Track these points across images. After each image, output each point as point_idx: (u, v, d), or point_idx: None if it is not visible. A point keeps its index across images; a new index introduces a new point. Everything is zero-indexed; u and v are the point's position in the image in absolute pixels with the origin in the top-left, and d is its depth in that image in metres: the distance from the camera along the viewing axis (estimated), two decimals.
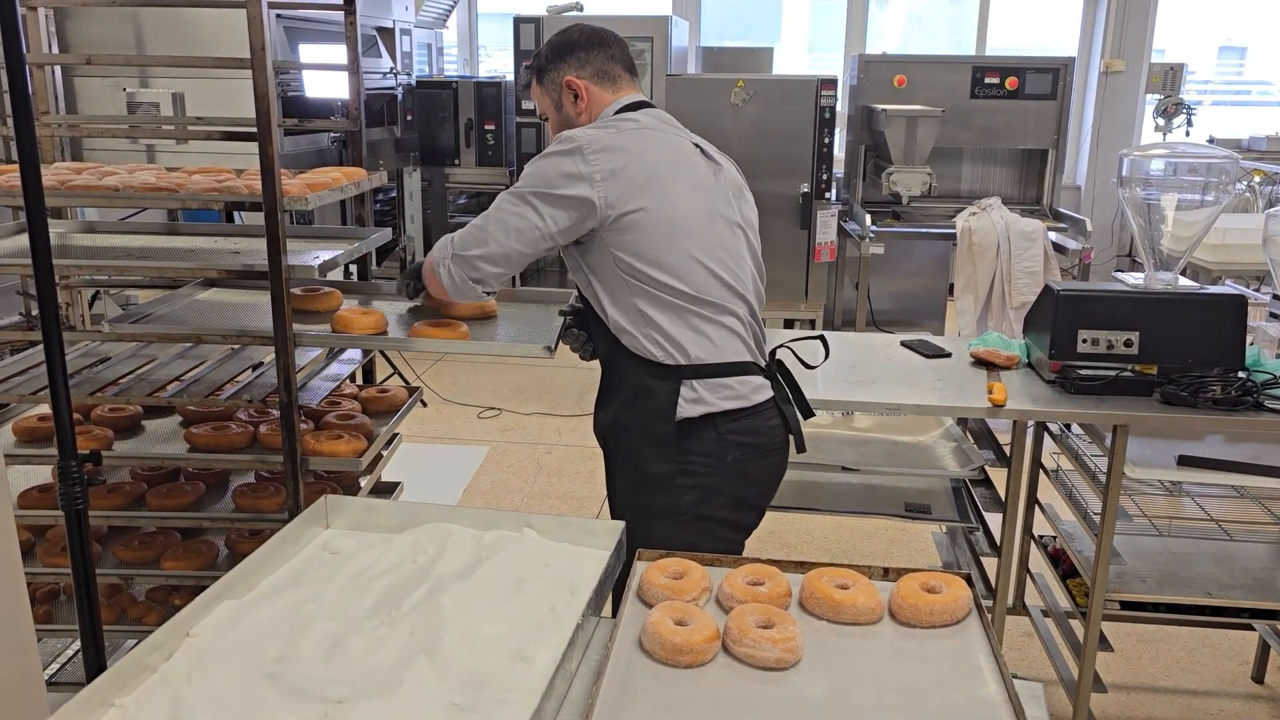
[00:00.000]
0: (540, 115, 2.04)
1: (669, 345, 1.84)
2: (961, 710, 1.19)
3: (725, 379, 1.87)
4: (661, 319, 1.84)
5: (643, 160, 1.82)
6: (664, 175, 1.83)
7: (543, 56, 1.98)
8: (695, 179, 1.89)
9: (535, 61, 1.99)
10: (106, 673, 1.15)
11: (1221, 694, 2.88)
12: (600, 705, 1.18)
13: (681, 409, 1.85)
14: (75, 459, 1.51)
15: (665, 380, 1.85)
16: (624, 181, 1.79)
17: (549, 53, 1.97)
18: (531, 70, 2.00)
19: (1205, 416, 2.21)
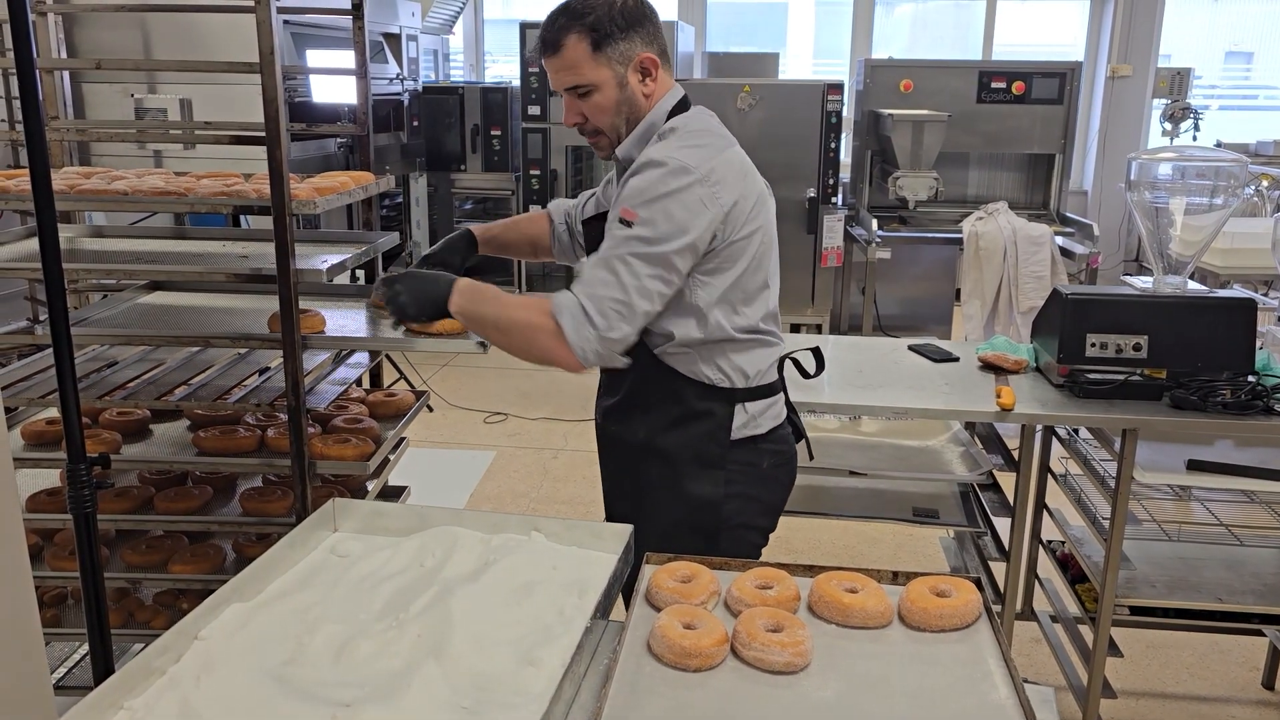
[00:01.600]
0: (567, 89, 1.68)
1: (731, 370, 1.76)
2: (973, 715, 1.18)
3: (771, 398, 1.82)
4: (731, 346, 1.75)
5: (746, 185, 1.70)
6: (762, 201, 1.74)
7: (608, 19, 1.63)
8: (764, 195, 1.78)
9: (590, 21, 1.63)
10: (115, 676, 1.15)
11: (1232, 700, 2.86)
12: (609, 709, 1.17)
13: (735, 431, 1.77)
14: (84, 463, 1.51)
15: (719, 403, 1.77)
16: (738, 212, 1.67)
17: (619, 18, 1.64)
18: (583, 30, 1.63)
19: (1215, 421, 2.20)
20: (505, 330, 1.66)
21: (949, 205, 5.15)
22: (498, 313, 1.66)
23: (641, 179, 1.63)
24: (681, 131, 1.69)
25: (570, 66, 1.66)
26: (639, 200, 1.61)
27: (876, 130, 5.10)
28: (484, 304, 1.67)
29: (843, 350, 2.79)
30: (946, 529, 2.92)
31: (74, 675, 2.23)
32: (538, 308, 1.63)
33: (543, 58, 1.70)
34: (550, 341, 1.62)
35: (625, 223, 1.62)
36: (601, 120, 1.70)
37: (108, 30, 4.58)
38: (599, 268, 1.63)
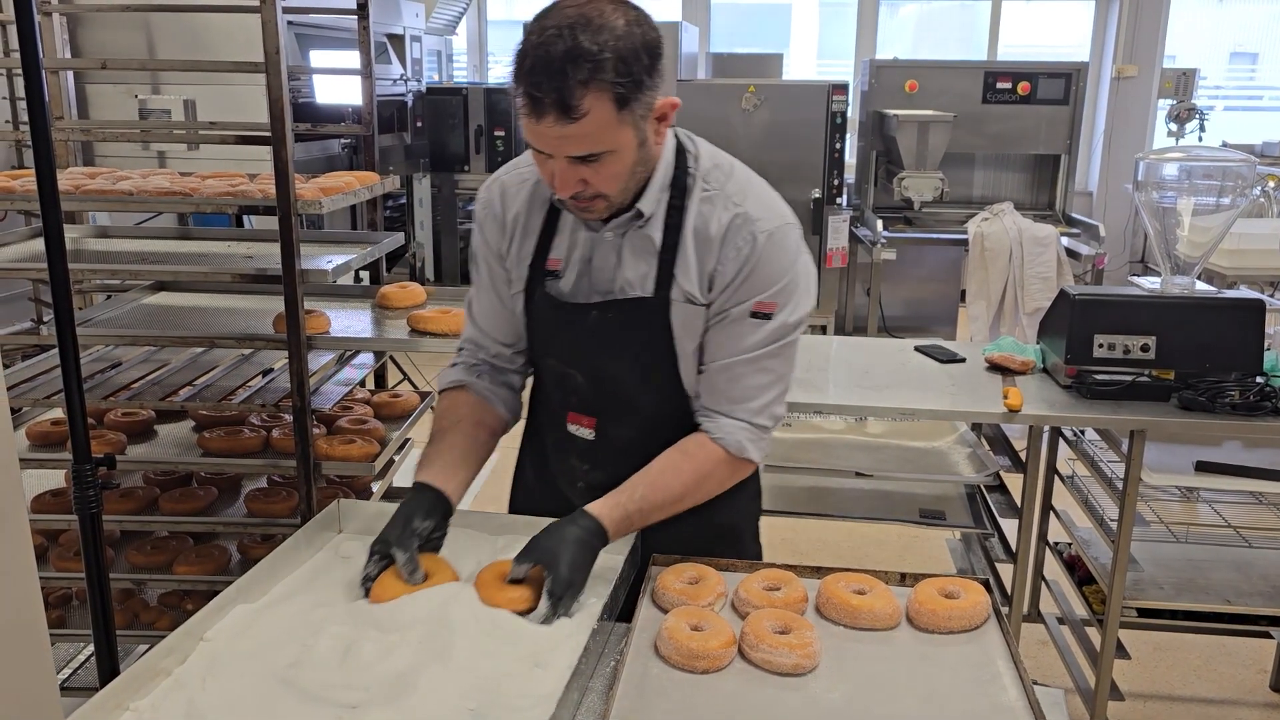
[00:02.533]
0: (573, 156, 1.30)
1: None
2: (982, 717, 1.18)
3: None
4: None
5: None
6: None
7: (635, 65, 1.27)
8: None
9: (614, 74, 1.25)
10: (121, 677, 1.15)
11: (1240, 703, 2.85)
12: (616, 711, 1.17)
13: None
14: (90, 463, 1.51)
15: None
16: None
17: (644, 57, 1.28)
18: (606, 86, 1.25)
19: (1223, 422, 2.19)
20: (688, 500, 1.47)
21: (954, 206, 5.13)
22: (668, 499, 1.44)
23: (775, 255, 1.42)
24: (727, 169, 1.47)
25: (587, 135, 1.27)
26: (781, 287, 1.43)
27: (881, 131, 5.09)
28: (644, 506, 1.42)
29: (849, 351, 2.78)
30: (953, 531, 2.91)
31: (79, 676, 2.23)
32: (705, 461, 1.46)
33: (536, 120, 1.26)
34: (736, 472, 1.50)
35: (765, 316, 1.44)
36: (611, 186, 1.36)
37: (111, 30, 4.58)
38: (752, 372, 1.45)
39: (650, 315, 1.46)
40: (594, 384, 1.54)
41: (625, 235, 1.45)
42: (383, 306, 2.14)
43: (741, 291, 1.43)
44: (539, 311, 1.53)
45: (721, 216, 1.43)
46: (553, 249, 1.50)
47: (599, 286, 1.49)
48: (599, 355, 1.51)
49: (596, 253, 1.48)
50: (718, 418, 1.47)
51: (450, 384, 1.61)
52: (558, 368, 1.57)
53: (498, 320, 1.59)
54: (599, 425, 1.55)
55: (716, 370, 1.47)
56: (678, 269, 1.44)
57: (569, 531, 1.36)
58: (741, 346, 1.44)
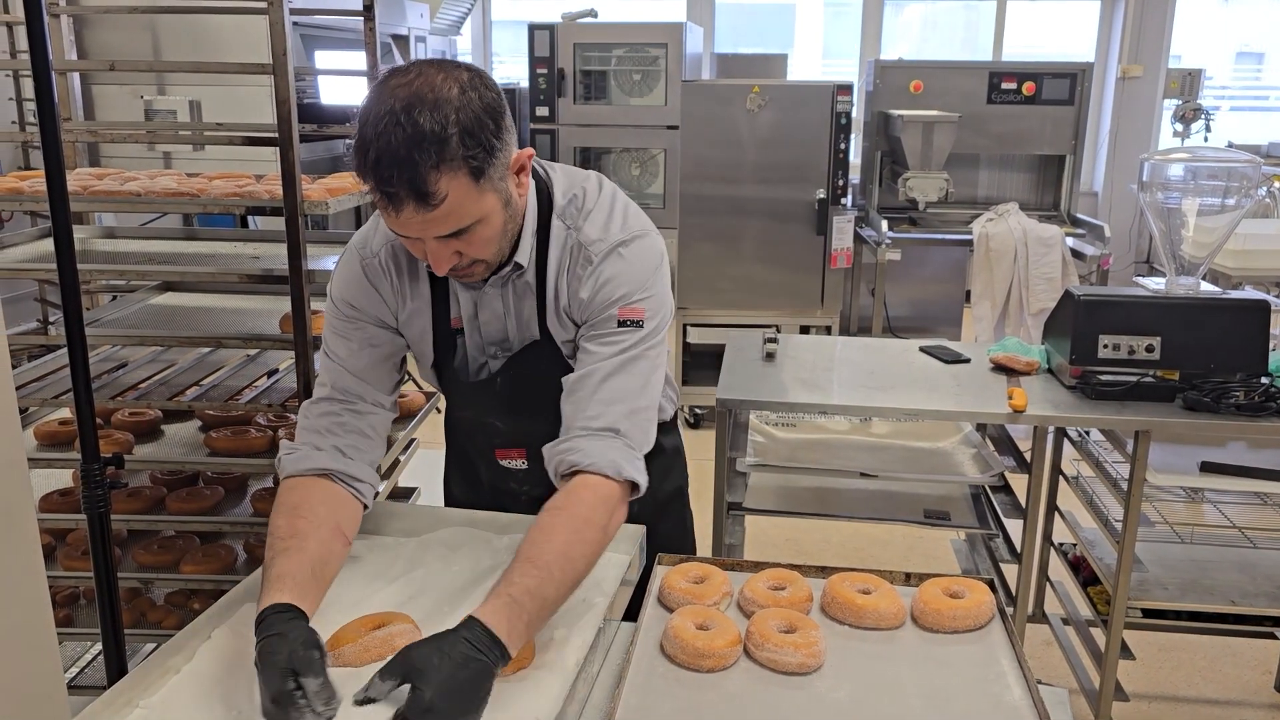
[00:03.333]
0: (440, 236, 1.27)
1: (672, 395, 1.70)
2: (987, 716, 1.18)
3: None
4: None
5: None
6: None
7: (479, 131, 1.22)
8: None
9: (461, 148, 1.21)
10: (130, 674, 1.16)
11: (1244, 704, 2.85)
12: (622, 709, 1.17)
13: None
14: (98, 462, 1.52)
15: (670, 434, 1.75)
16: None
17: (487, 121, 1.24)
18: (458, 165, 1.21)
19: (1228, 422, 2.19)
20: (589, 565, 1.30)
21: (959, 206, 5.13)
22: (565, 574, 1.25)
23: (618, 269, 1.41)
24: (580, 199, 1.45)
25: (450, 214, 1.24)
26: (638, 294, 1.40)
27: (886, 131, 5.09)
28: (541, 600, 1.21)
29: (854, 351, 2.79)
30: (958, 531, 2.91)
31: (86, 675, 2.24)
32: (590, 511, 1.30)
33: (395, 214, 1.22)
34: (626, 501, 1.37)
35: (634, 323, 1.40)
36: (486, 251, 1.34)
37: (117, 31, 4.60)
38: (624, 374, 1.39)
39: (545, 355, 1.47)
40: (514, 426, 1.56)
41: (506, 286, 1.46)
42: None
43: (598, 303, 1.41)
44: (449, 373, 1.53)
45: (566, 245, 1.44)
46: (451, 309, 1.49)
47: (491, 338, 1.50)
48: (513, 404, 1.53)
49: (482, 308, 1.48)
50: (583, 440, 1.35)
51: (314, 470, 1.39)
52: (476, 419, 1.60)
53: (372, 372, 1.48)
54: (529, 454, 1.57)
55: (579, 379, 1.40)
56: (549, 304, 1.46)
57: (448, 643, 1.12)
58: (609, 351, 1.40)
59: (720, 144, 4.66)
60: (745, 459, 2.42)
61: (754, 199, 4.75)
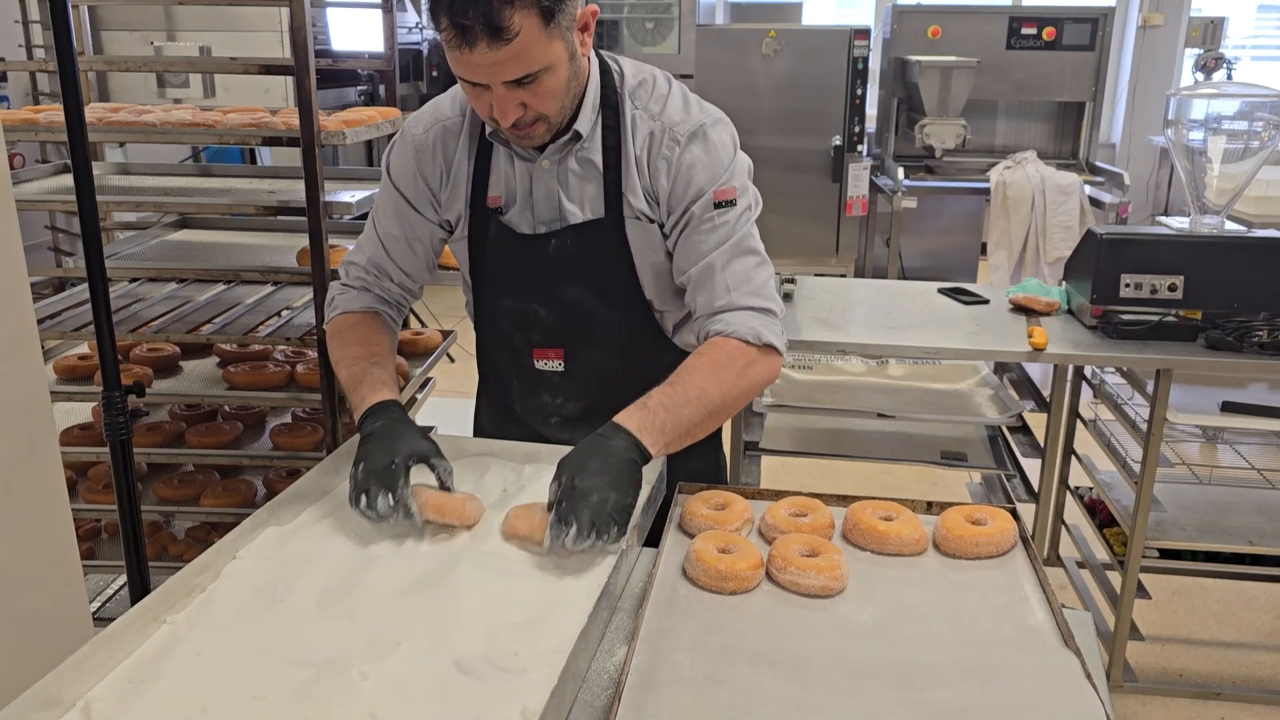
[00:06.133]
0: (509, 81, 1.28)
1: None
2: (1010, 637, 1.18)
3: None
4: None
5: None
6: None
7: None
8: None
9: None
10: (157, 590, 1.17)
11: (1258, 646, 2.86)
12: (645, 629, 1.17)
13: None
14: (119, 390, 1.52)
15: None
16: None
17: None
18: (529, 3, 1.23)
19: (1250, 361, 2.17)
20: (724, 409, 1.40)
21: (976, 154, 5.07)
22: (703, 406, 1.35)
23: (701, 153, 1.43)
24: (650, 84, 1.47)
25: (518, 55, 1.25)
26: (728, 176, 1.44)
27: (903, 77, 5.02)
28: (678, 415, 1.33)
29: (872, 292, 2.77)
30: (973, 474, 2.91)
31: (109, 609, 2.26)
32: (729, 358, 1.39)
33: (469, 49, 1.24)
34: (767, 366, 1.42)
35: (729, 203, 1.44)
36: (550, 106, 1.35)
37: None
38: (739, 256, 1.43)
39: (605, 236, 1.47)
40: (558, 314, 1.54)
41: (564, 161, 1.46)
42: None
43: (691, 192, 1.44)
44: (492, 251, 1.53)
45: (643, 131, 1.45)
46: (490, 187, 1.50)
47: (543, 216, 1.49)
48: (560, 284, 1.51)
49: (536, 184, 1.48)
50: (720, 316, 1.42)
51: (365, 309, 1.55)
52: (517, 306, 1.56)
53: (407, 256, 1.57)
54: (567, 355, 1.56)
55: (701, 271, 1.44)
56: (625, 188, 1.46)
57: (595, 443, 1.28)
58: (717, 238, 1.44)
59: (735, 91, 4.60)
60: (762, 399, 2.41)
61: (769, 147, 4.70)
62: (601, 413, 1.42)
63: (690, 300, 1.47)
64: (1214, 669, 2.75)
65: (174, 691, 1.03)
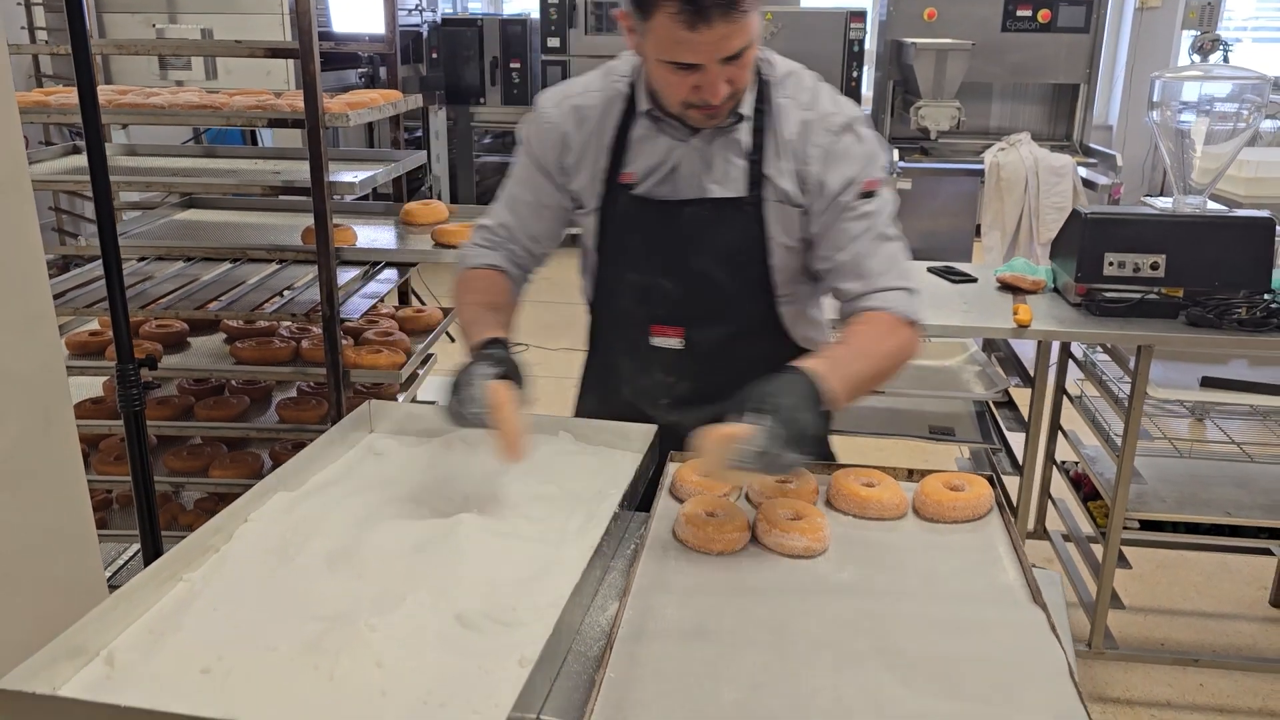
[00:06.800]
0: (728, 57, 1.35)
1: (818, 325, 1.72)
2: (981, 593, 1.24)
3: None
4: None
5: None
6: None
7: None
8: None
9: None
10: (174, 549, 1.23)
11: (1239, 617, 2.93)
12: (637, 585, 1.24)
13: None
14: (133, 363, 1.58)
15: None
16: None
17: None
18: None
19: (1229, 337, 2.23)
20: (884, 372, 1.47)
21: (971, 136, 5.11)
22: (871, 365, 1.43)
23: (852, 143, 1.50)
24: (798, 75, 1.54)
25: (745, 28, 1.33)
26: (874, 166, 1.52)
27: (899, 59, 5.06)
28: (852, 368, 1.39)
29: None
30: (961, 449, 2.98)
31: (121, 577, 2.33)
32: (889, 328, 1.47)
33: (705, 26, 1.30)
34: (914, 342, 1.51)
35: (873, 194, 1.51)
36: (745, 78, 1.44)
37: None
38: (884, 243, 1.51)
39: (743, 214, 1.52)
40: (683, 289, 1.57)
41: (712, 141, 1.51)
42: (406, 223, 2.20)
43: (840, 180, 1.49)
44: (622, 224, 1.57)
45: (795, 119, 1.50)
46: (626, 164, 1.55)
47: (684, 193, 1.54)
48: (690, 255, 1.55)
49: (683, 161, 1.53)
50: (873, 295, 1.49)
51: (490, 264, 1.63)
52: (641, 280, 1.60)
53: (535, 221, 1.63)
54: (687, 334, 1.59)
55: (852, 256, 1.50)
56: (769, 169, 1.51)
57: (783, 376, 1.31)
58: (863, 226, 1.50)
59: None
60: None
61: None
62: (713, 395, 1.48)
63: (837, 285, 1.53)
64: (1195, 638, 2.82)
65: (191, 643, 1.09)
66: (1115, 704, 2.54)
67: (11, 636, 1.01)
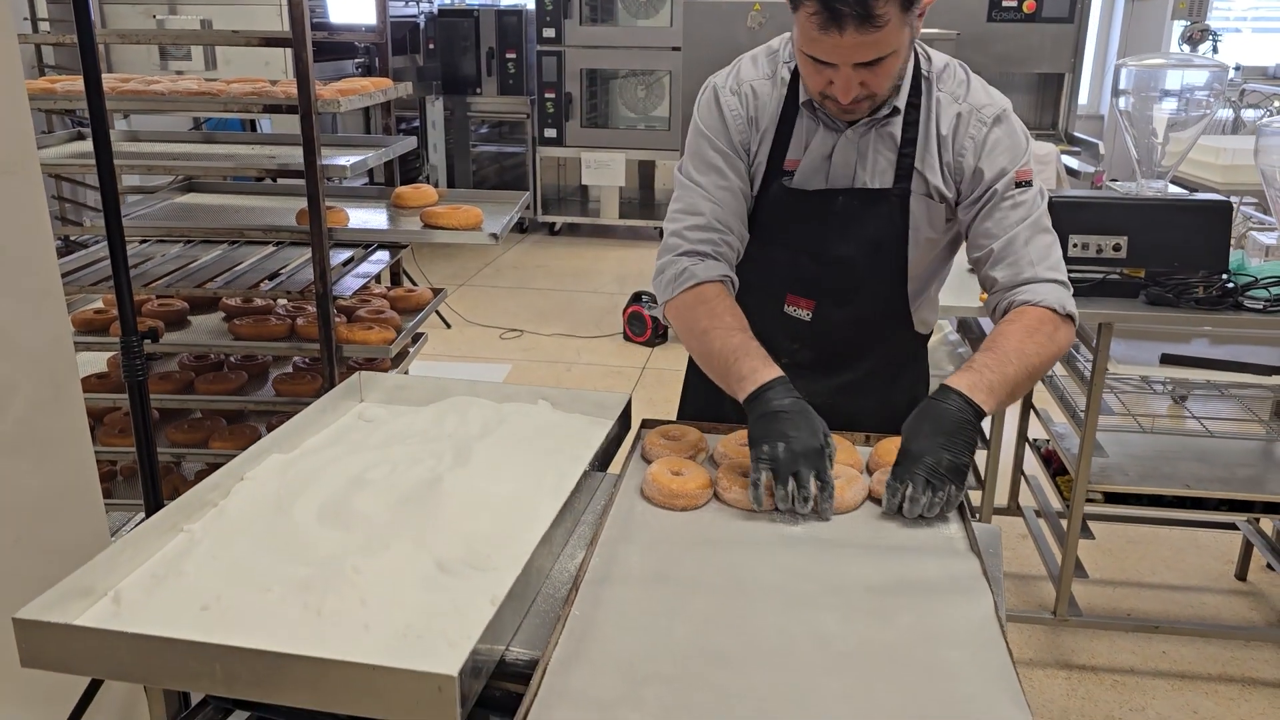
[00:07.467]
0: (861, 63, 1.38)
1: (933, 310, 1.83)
2: (924, 544, 1.35)
3: None
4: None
5: None
6: None
7: None
8: None
9: None
10: (175, 502, 1.33)
11: (1205, 589, 3.03)
12: (604, 537, 1.34)
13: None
14: (136, 335, 1.68)
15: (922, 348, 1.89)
16: None
17: None
18: None
19: (1187, 315, 2.32)
20: (1039, 370, 1.50)
21: None
22: (1024, 366, 1.46)
23: (1006, 135, 1.54)
24: (952, 69, 1.58)
25: (879, 41, 1.35)
26: (1027, 157, 1.55)
27: None
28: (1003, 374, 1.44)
29: None
30: None
31: None
32: (1039, 324, 1.50)
33: (838, 32, 1.33)
34: (1069, 334, 1.54)
35: (1027, 183, 1.55)
36: (884, 86, 1.46)
37: None
38: (1039, 233, 1.55)
39: (889, 205, 1.58)
40: (822, 266, 1.64)
41: (866, 134, 1.56)
42: (397, 206, 2.29)
43: (995, 170, 1.53)
44: (776, 203, 1.62)
45: (950, 113, 1.55)
46: (790, 150, 1.60)
47: (837, 182, 1.59)
48: (835, 239, 1.61)
49: (837, 150, 1.58)
50: (1026, 287, 1.52)
51: (723, 277, 1.59)
52: (785, 255, 1.66)
53: (739, 205, 1.62)
54: (817, 307, 1.67)
55: (1005, 245, 1.54)
56: (919, 163, 1.56)
57: (928, 408, 1.40)
58: (1019, 215, 1.53)
59: (721, 64, 4.69)
60: None
61: None
62: (832, 365, 1.67)
63: (989, 272, 1.57)
64: (1161, 608, 2.92)
65: (192, 585, 1.19)
66: (1080, 670, 2.64)
67: (24, 592, 1.11)
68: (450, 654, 1.03)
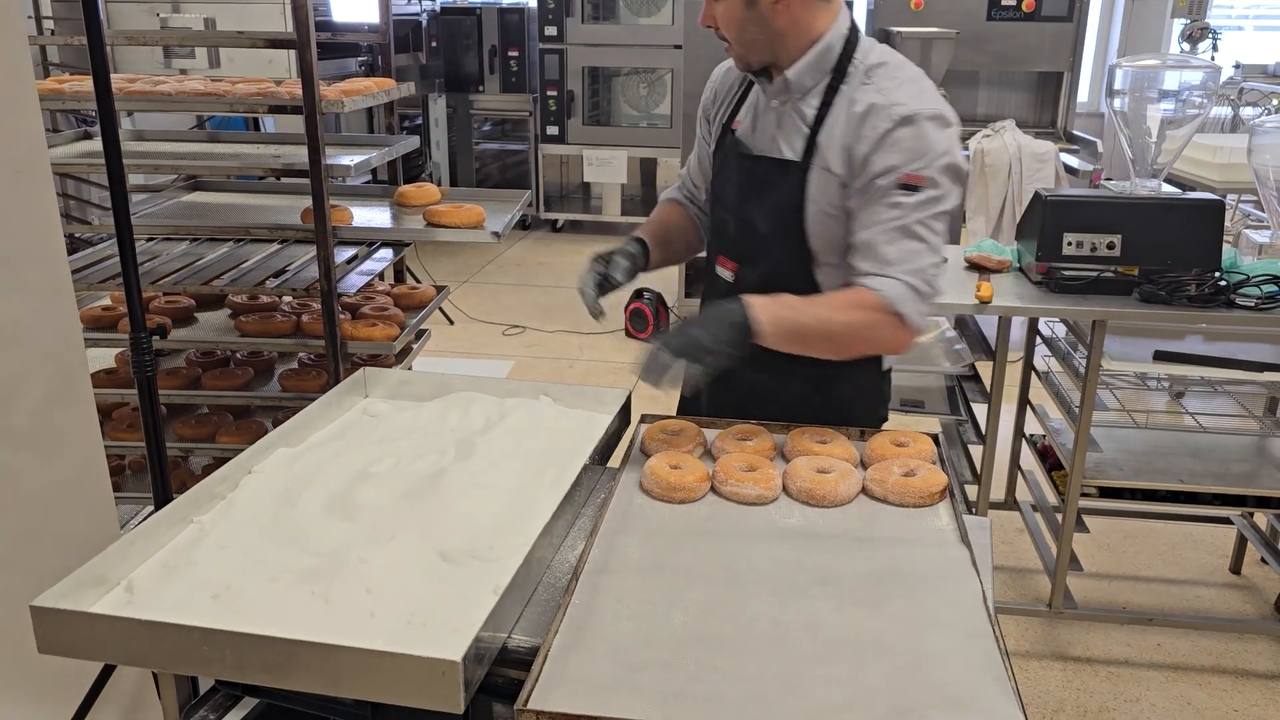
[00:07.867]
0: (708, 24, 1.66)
1: None
2: (915, 535, 1.38)
3: None
4: None
5: None
6: None
7: None
8: None
9: None
10: (185, 494, 1.36)
11: (1200, 583, 3.06)
12: (604, 528, 1.38)
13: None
14: (145, 332, 1.71)
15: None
16: None
17: None
18: None
19: (1180, 312, 2.35)
20: (838, 338, 1.57)
21: None
22: (821, 322, 1.55)
23: (910, 137, 1.54)
24: (894, 67, 1.62)
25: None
26: (922, 163, 1.54)
27: None
28: (797, 316, 1.54)
29: None
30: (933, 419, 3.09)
31: None
32: (862, 303, 1.55)
33: None
34: (894, 332, 1.55)
35: (913, 188, 1.55)
36: (729, 30, 1.64)
37: None
38: (902, 238, 1.55)
39: (790, 176, 1.66)
40: (738, 229, 1.76)
41: (784, 107, 1.68)
42: (401, 204, 2.33)
43: (883, 165, 1.56)
44: (720, 165, 1.80)
45: (864, 102, 1.59)
46: (740, 112, 1.78)
47: (758, 146, 1.73)
48: (743, 202, 1.74)
49: (762, 117, 1.73)
50: (874, 277, 1.55)
51: (671, 199, 1.97)
52: (719, 215, 1.83)
53: (698, 165, 1.91)
54: (738, 270, 1.78)
55: (868, 237, 1.57)
56: (822, 139, 1.63)
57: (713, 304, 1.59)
58: (891, 215, 1.55)
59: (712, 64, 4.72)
60: None
61: None
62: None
63: (850, 260, 1.61)
64: (1156, 601, 2.95)
65: (203, 574, 1.23)
66: (1075, 662, 2.67)
67: (36, 583, 1.14)
68: (454, 640, 1.07)
